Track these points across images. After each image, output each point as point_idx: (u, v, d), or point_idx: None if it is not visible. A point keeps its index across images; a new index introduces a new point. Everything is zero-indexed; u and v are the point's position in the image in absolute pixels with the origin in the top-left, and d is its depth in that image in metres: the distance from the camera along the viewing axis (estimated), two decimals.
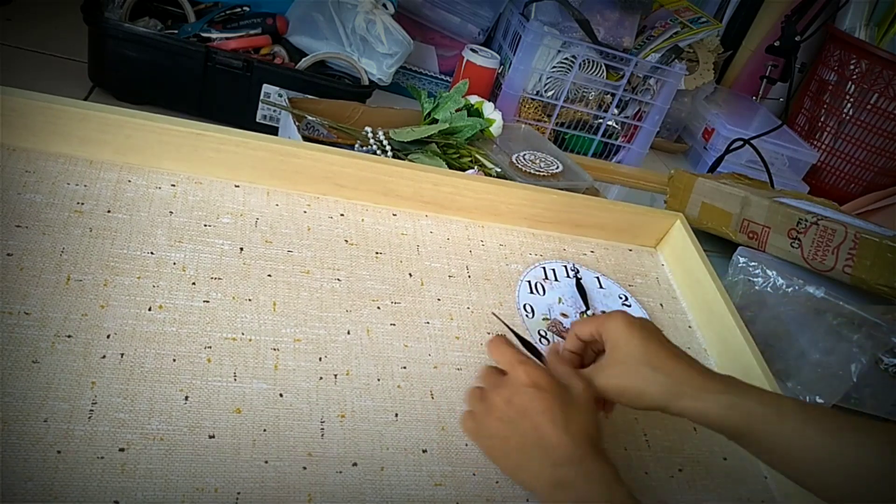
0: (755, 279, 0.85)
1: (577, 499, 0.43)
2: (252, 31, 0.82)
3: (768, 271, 0.86)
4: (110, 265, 0.51)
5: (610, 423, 0.57)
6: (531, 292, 0.64)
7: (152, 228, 0.55)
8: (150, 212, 0.56)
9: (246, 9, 0.83)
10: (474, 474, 0.49)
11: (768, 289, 0.83)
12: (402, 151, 0.80)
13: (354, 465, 0.46)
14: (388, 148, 0.79)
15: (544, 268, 0.67)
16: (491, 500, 0.48)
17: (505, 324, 0.60)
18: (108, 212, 0.55)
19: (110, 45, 0.76)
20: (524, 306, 0.63)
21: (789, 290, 0.81)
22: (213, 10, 0.82)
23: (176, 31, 0.80)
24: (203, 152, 0.60)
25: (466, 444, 0.50)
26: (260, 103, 0.82)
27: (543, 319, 0.62)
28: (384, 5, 0.87)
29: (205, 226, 0.57)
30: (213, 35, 0.80)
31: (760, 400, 0.47)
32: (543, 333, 0.61)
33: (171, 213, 0.57)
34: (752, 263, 0.87)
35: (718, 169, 1.23)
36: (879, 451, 0.44)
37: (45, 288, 0.48)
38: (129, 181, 0.58)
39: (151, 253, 0.53)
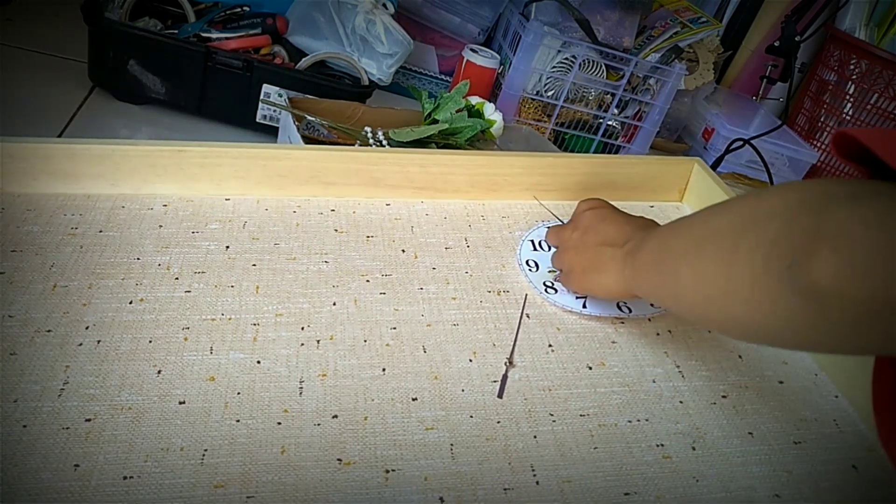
0: None
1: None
2: (252, 31, 0.83)
3: None
4: (96, 272, 0.52)
5: (634, 359, 0.51)
6: (535, 250, 0.60)
7: (141, 240, 0.56)
8: (141, 227, 0.58)
9: (246, 9, 0.85)
10: (471, 416, 0.44)
11: None
12: None
13: (335, 417, 0.43)
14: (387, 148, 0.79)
15: (549, 228, 0.63)
16: (492, 438, 0.43)
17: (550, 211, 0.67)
18: (100, 231, 0.57)
19: (110, 45, 0.78)
20: (526, 262, 0.59)
21: None
22: (213, 10, 0.84)
23: (176, 31, 0.81)
24: (189, 168, 0.62)
25: (463, 390, 0.46)
26: (260, 103, 0.83)
27: (549, 272, 0.58)
28: (384, 5, 0.89)
29: (192, 232, 0.58)
30: (213, 35, 0.81)
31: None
32: (550, 284, 0.57)
33: (161, 226, 0.58)
34: None
35: (718, 169, 1.19)
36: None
37: (32, 295, 0.49)
38: (123, 206, 0.60)
39: (138, 259, 0.54)
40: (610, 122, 1.14)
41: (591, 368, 0.49)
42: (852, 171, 1.28)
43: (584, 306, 0.54)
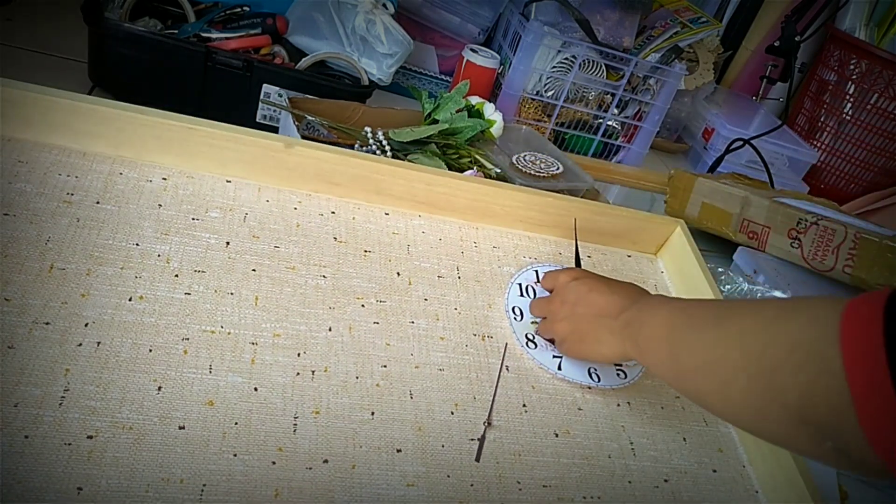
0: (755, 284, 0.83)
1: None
2: (252, 31, 0.82)
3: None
4: (94, 255, 0.51)
5: (595, 430, 0.56)
6: (521, 295, 0.63)
7: (140, 220, 0.55)
8: (139, 204, 0.56)
9: (246, 9, 0.84)
10: (448, 476, 0.48)
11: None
12: (401, 152, 0.80)
13: (325, 462, 0.46)
14: (387, 148, 0.79)
15: (537, 271, 0.66)
16: (464, 502, 0.47)
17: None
18: (97, 203, 0.55)
19: (110, 45, 0.77)
20: (513, 309, 0.62)
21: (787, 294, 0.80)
22: (213, 10, 0.82)
23: (176, 31, 0.80)
24: (195, 146, 0.60)
25: (443, 446, 0.50)
26: (260, 103, 0.82)
27: (532, 323, 0.61)
28: (384, 5, 0.87)
29: (192, 219, 0.57)
30: (213, 35, 0.80)
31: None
32: (531, 337, 0.60)
33: (160, 205, 0.57)
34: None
35: (718, 169, 1.22)
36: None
37: (28, 275, 0.48)
38: (121, 173, 0.58)
39: (137, 244, 0.53)
40: (610, 122, 1.16)
41: (557, 436, 0.54)
42: (851, 170, 1.36)
43: (560, 368, 0.58)
